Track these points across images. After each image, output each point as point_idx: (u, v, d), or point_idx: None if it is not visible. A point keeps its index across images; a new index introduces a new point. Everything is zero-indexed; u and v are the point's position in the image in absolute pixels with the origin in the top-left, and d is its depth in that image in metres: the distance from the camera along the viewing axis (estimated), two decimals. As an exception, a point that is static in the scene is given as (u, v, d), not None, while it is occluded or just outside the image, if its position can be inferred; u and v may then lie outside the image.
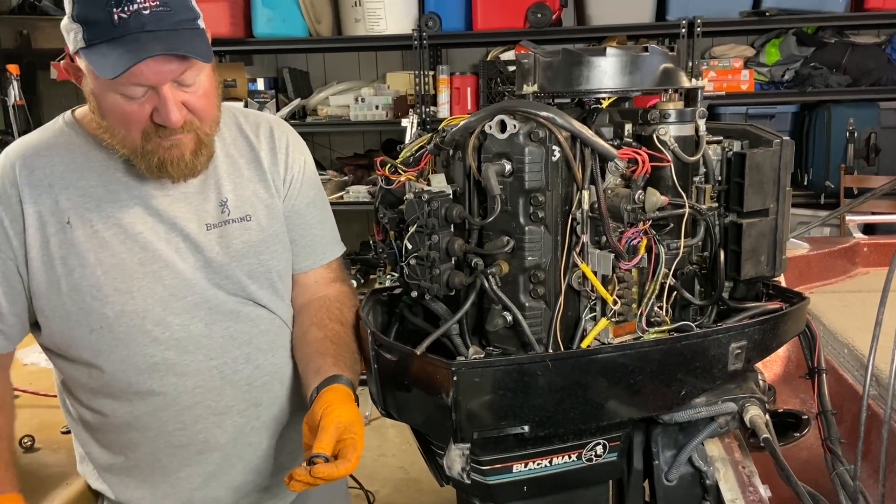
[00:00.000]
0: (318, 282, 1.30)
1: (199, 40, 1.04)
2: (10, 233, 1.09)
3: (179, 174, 1.11)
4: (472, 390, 1.04)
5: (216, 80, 1.13)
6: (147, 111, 1.04)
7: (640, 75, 1.13)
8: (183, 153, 1.08)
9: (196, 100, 1.07)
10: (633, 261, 1.09)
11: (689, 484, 1.23)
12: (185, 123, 1.06)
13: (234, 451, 1.19)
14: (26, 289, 1.11)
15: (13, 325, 1.12)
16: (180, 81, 1.04)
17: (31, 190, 1.10)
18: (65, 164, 1.12)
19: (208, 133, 1.12)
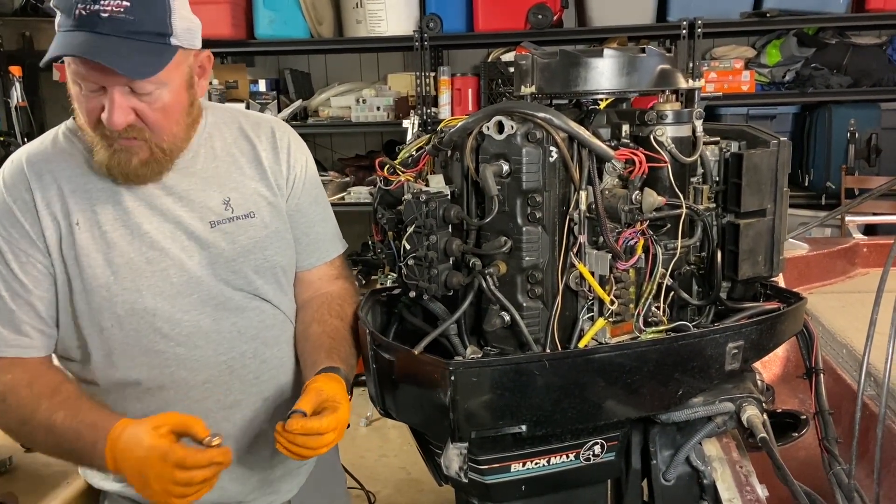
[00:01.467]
0: (321, 279, 1.32)
1: (148, 56, 1.03)
2: (33, 236, 1.12)
3: (122, 178, 1.12)
4: (469, 390, 1.04)
5: (188, 99, 1.13)
6: (96, 107, 1.06)
7: (637, 76, 1.14)
8: (129, 159, 1.10)
9: (150, 112, 1.08)
10: (631, 261, 1.10)
11: (686, 483, 1.23)
12: (130, 129, 1.07)
13: (242, 445, 1.20)
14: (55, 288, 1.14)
15: (51, 326, 1.15)
16: (134, 88, 1.05)
17: (42, 193, 1.13)
18: (70, 169, 1.14)
19: (163, 149, 1.12)
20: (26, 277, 1.12)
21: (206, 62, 1.17)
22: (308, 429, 1.01)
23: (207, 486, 0.97)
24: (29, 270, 1.12)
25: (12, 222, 1.12)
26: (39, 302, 1.13)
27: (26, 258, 1.12)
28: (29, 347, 1.13)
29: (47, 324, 1.14)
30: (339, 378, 1.13)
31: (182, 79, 1.10)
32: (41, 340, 1.14)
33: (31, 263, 1.12)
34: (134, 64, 1.01)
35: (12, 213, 1.12)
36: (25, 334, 1.12)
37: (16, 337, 1.12)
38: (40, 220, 1.12)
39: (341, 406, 1.07)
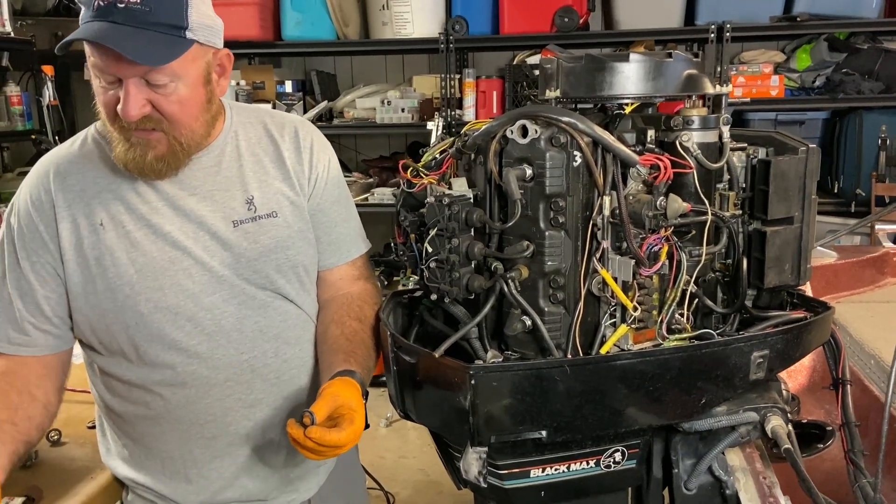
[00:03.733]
0: (342, 279, 1.32)
1: (161, 46, 1.04)
2: (45, 237, 1.13)
3: (138, 171, 1.13)
4: (489, 394, 1.04)
5: (207, 95, 1.14)
6: (113, 100, 1.08)
7: (663, 81, 1.13)
8: (145, 153, 1.11)
9: (166, 104, 1.08)
10: (654, 267, 1.09)
11: (708, 493, 1.22)
12: (145, 120, 1.08)
13: (262, 444, 1.21)
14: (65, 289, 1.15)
15: (59, 325, 1.17)
16: (149, 80, 1.06)
17: (64, 196, 1.14)
18: (96, 171, 1.16)
19: (181, 143, 1.13)
20: (35, 277, 1.14)
21: (227, 61, 1.18)
22: (327, 441, 1.01)
23: None
24: (38, 270, 1.14)
25: (28, 223, 1.14)
26: (45, 302, 1.15)
27: (37, 258, 1.14)
28: (28, 346, 1.15)
29: (53, 323, 1.16)
30: (354, 383, 1.13)
31: (199, 74, 1.11)
32: (42, 339, 1.16)
33: (42, 264, 1.14)
34: (145, 52, 1.02)
35: (30, 215, 1.15)
36: (25, 333, 1.15)
37: (17, 335, 1.15)
38: (57, 223, 1.14)
39: (357, 415, 1.07)
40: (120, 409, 1.20)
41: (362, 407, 1.09)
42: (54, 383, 1.17)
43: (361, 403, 1.09)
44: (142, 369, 1.16)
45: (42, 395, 1.14)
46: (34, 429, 1.10)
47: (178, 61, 1.06)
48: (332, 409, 1.06)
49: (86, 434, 1.43)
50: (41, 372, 1.16)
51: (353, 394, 1.10)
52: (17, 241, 1.14)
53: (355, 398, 1.09)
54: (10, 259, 1.14)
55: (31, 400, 1.11)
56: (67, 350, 1.20)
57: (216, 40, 1.13)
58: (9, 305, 1.14)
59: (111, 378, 1.19)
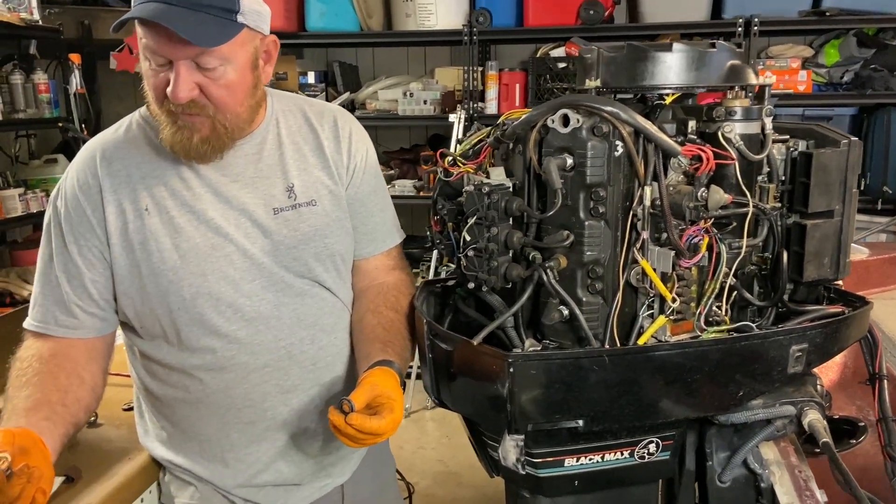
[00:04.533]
0: (377, 268, 1.33)
1: (213, 27, 1.05)
2: (93, 221, 1.15)
3: (184, 154, 1.14)
4: (527, 382, 1.04)
5: (253, 80, 1.15)
6: (162, 81, 1.08)
7: (706, 71, 1.12)
8: (191, 136, 1.12)
9: (215, 88, 1.09)
10: (694, 259, 1.08)
11: (742, 486, 1.22)
12: (193, 105, 1.09)
13: (298, 429, 1.22)
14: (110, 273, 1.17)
15: (105, 308, 1.18)
16: (199, 63, 1.07)
17: (111, 180, 1.15)
18: (141, 156, 1.17)
19: (226, 126, 1.13)
20: (82, 261, 1.15)
21: (273, 48, 1.19)
22: (367, 428, 1.02)
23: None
24: (85, 254, 1.15)
25: (76, 206, 1.15)
26: (92, 285, 1.16)
27: (84, 241, 1.15)
28: (76, 328, 1.16)
29: (99, 306, 1.18)
30: (393, 372, 1.13)
31: (247, 59, 1.12)
32: (89, 322, 1.17)
33: (88, 248, 1.15)
34: (199, 33, 1.03)
35: (77, 199, 1.16)
36: (73, 315, 1.16)
37: (66, 318, 1.16)
38: (104, 207, 1.15)
39: (396, 404, 1.07)
40: (159, 393, 1.22)
41: (401, 396, 1.09)
42: (100, 365, 1.19)
43: (400, 393, 1.10)
44: (182, 353, 1.18)
45: (89, 378, 1.15)
46: (82, 411, 1.12)
47: (228, 45, 1.06)
48: (370, 397, 1.06)
49: (121, 416, 1.45)
50: (88, 354, 1.17)
51: (392, 383, 1.10)
52: (65, 224, 1.15)
53: (394, 387, 1.10)
54: (57, 242, 1.16)
55: (79, 382, 1.13)
56: (112, 333, 1.21)
57: (264, 26, 1.13)
58: (56, 288, 1.15)
59: (151, 361, 1.21)
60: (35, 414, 1.04)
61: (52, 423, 1.04)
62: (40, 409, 1.05)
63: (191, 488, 1.23)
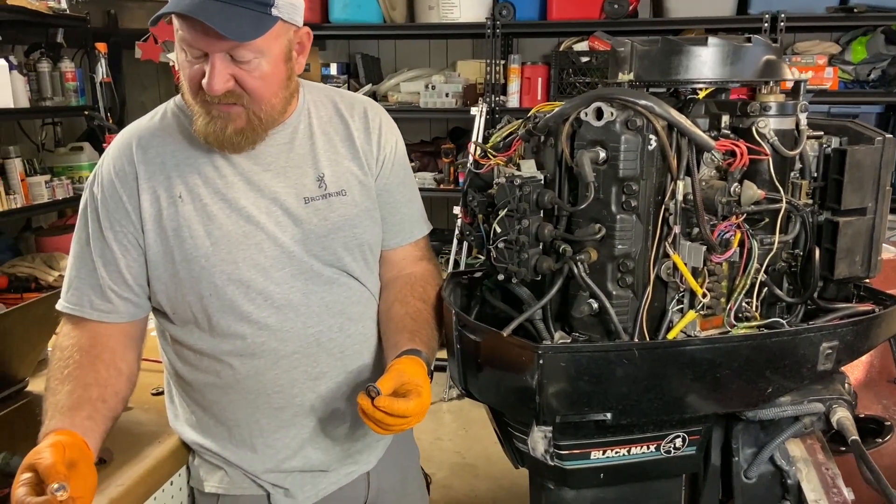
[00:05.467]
0: (405, 259, 1.34)
1: (249, 22, 1.06)
2: (128, 208, 1.16)
3: (218, 145, 1.15)
4: (557, 374, 1.05)
5: (287, 72, 1.16)
6: (198, 73, 1.10)
7: (741, 66, 1.11)
8: (225, 126, 1.13)
9: (250, 79, 1.10)
10: (726, 254, 1.08)
11: (768, 482, 1.22)
12: (228, 95, 1.10)
13: (326, 416, 1.24)
14: (144, 259, 1.18)
15: (139, 293, 1.20)
16: (234, 56, 1.08)
17: (146, 167, 1.17)
18: (175, 144, 1.19)
19: (261, 118, 1.15)
20: (118, 246, 1.17)
21: (306, 39, 1.20)
22: (394, 410, 1.03)
23: None
24: (120, 240, 1.17)
25: (112, 193, 1.17)
26: (127, 270, 1.18)
27: (120, 227, 1.17)
28: (111, 313, 1.18)
29: (134, 291, 1.19)
30: (420, 361, 1.14)
31: (281, 51, 1.13)
32: (124, 307, 1.19)
33: (124, 233, 1.17)
34: (234, 27, 1.04)
35: (114, 185, 1.17)
36: (109, 300, 1.18)
37: (101, 302, 1.17)
38: (139, 194, 1.17)
39: (424, 390, 1.09)
40: (190, 378, 1.23)
41: (428, 383, 1.10)
42: (135, 353, 1.21)
43: (427, 380, 1.11)
44: (213, 339, 1.19)
45: (126, 368, 1.17)
46: (120, 403, 1.14)
47: (263, 38, 1.07)
48: (397, 384, 1.08)
49: (150, 400, 1.47)
50: (124, 342, 1.19)
51: (420, 371, 1.11)
52: (101, 210, 1.17)
53: (421, 375, 1.11)
54: (93, 227, 1.17)
55: (117, 374, 1.15)
56: (145, 318, 1.23)
57: (298, 18, 1.14)
58: (92, 272, 1.17)
59: (183, 347, 1.23)
60: (78, 413, 1.06)
61: (93, 422, 1.06)
62: (83, 407, 1.07)
63: (220, 472, 1.25)
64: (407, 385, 1.08)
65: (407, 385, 1.08)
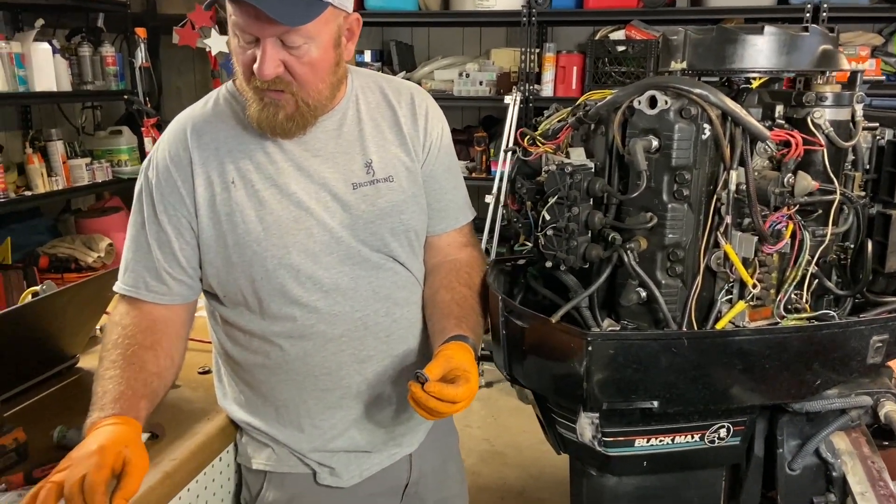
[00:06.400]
0: (450, 245, 1.35)
1: (300, 7, 1.07)
2: (182, 192, 1.19)
3: (269, 130, 1.17)
4: (605, 361, 1.06)
5: (335, 58, 1.17)
6: (250, 59, 1.11)
7: (797, 55, 1.11)
8: (276, 113, 1.14)
9: (298, 65, 1.11)
10: (778, 245, 1.08)
11: (812, 474, 1.21)
12: (277, 81, 1.11)
13: (372, 399, 1.26)
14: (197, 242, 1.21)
15: (192, 276, 1.22)
16: (285, 41, 1.09)
17: (200, 153, 1.19)
18: (228, 130, 1.21)
19: (308, 104, 1.16)
20: (172, 230, 1.19)
21: (355, 25, 1.21)
22: (444, 395, 1.04)
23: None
24: (175, 223, 1.19)
25: (167, 178, 1.19)
26: (181, 253, 1.20)
27: (174, 211, 1.19)
28: (165, 294, 1.20)
29: (188, 274, 1.22)
30: (468, 347, 1.15)
31: (330, 37, 1.14)
32: (178, 289, 1.21)
33: (178, 217, 1.19)
34: (286, 11, 1.05)
35: (169, 170, 1.19)
36: (164, 282, 1.20)
37: (156, 283, 1.20)
38: (194, 179, 1.19)
39: (472, 375, 1.10)
40: (240, 358, 1.26)
41: (476, 368, 1.11)
42: (185, 338, 1.24)
43: (475, 365, 1.12)
44: (263, 321, 1.21)
45: (177, 356, 1.21)
46: (167, 388, 1.17)
47: (314, 23, 1.08)
48: (445, 370, 1.09)
49: (198, 379, 1.50)
50: (177, 326, 1.22)
51: (467, 356, 1.12)
52: (156, 194, 1.19)
53: (469, 360, 1.12)
54: (148, 211, 1.20)
55: (170, 363, 1.18)
56: (195, 300, 1.25)
57: (348, 4, 1.15)
58: (147, 254, 1.20)
59: (233, 328, 1.25)
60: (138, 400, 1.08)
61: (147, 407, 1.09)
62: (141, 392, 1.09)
63: (267, 450, 1.28)
64: (455, 371, 1.09)
65: (455, 371, 1.09)
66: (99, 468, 0.94)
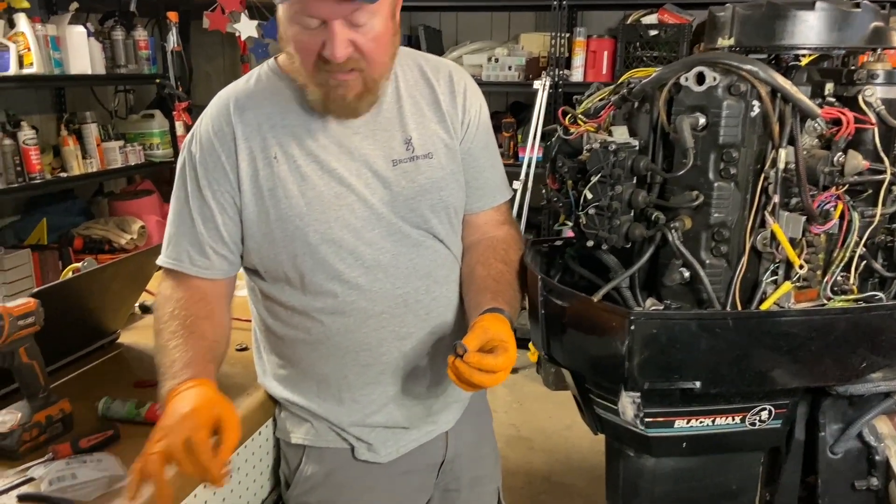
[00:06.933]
0: (487, 223, 1.35)
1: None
2: (226, 167, 1.19)
3: (339, 112, 1.17)
4: (647, 341, 1.05)
5: (393, 29, 1.16)
6: (317, 43, 1.10)
7: (849, 32, 1.08)
8: (346, 94, 1.14)
9: (365, 41, 1.11)
10: (826, 225, 1.06)
11: (854, 458, 1.20)
12: (349, 61, 1.11)
13: (410, 375, 1.26)
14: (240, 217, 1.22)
15: (234, 251, 1.24)
16: (352, 20, 1.08)
17: (243, 128, 1.20)
18: (271, 106, 1.21)
19: (375, 79, 1.16)
20: (216, 205, 1.20)
21: None
22: (483, 365, 1.04)
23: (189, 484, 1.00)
24: (219, 199, 1.20)
25: (211, 152, 1.20)
26: (224, 228, 1.21)
27: (218, 186, 1.20)
28: (208, 269, 1.22)
29: (230, 249, 1.23)
30: (504, 318, 1.15)
31: (388, 9, 1.14)
32: (220, 264, 1.23)
33: (222, 192, 1.20)
34: None
35: (213, 144, 1.20)
36: (207, 256, 1.21)
37: (199, 258, 1.21)
38: (237, 154, 1.19)
39: (510, 345, 1.10)
40: (281, 333, 1.27)
41: (513, 338, 1.11)
42: (229, 311, 1.26)
43: (512, 335, 1.11)
44: (305, 296, 1.22)
45: (227, 327, 1.23)
46: (224, 354, 1.20)
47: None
48: (483, 341, 1.09)
49: (235, 355, 1.52)
50: (221, 300, 1.24)
51: (504, 327, 1.12)
52: (199, 168, 1.20)
53: (505, 330, 1.12)
54: (192, 186, 1.21)
55: (223, 332, 1.21)
56: (234, 276, 1.27)
57: None
58: (191, 229, 1.21)
59: (274, 303, 1.26)
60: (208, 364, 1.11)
61: (215, 367, 1.12)
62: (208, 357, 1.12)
63: (307, 424, 1.29)
64: (492, 341, 1.09)
65: (492, 341, 1.09)
66: (198, 429, 0.96)
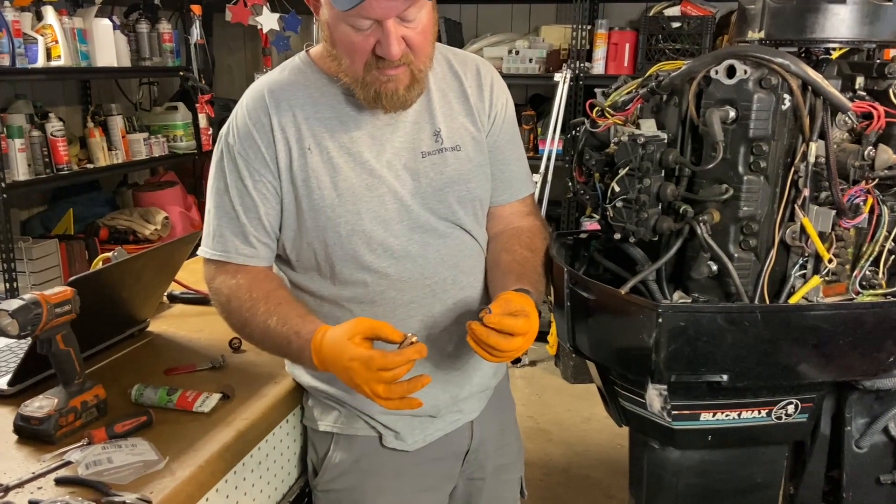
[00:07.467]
0: (512, 214, 1.36)
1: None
2: (266, 157, 1.21)
3: (392, 106, 1.18)
4: (675, 333, 1.06)
5: (434, 19, 1.18)
6: (370, 43, 1.12)
7: (881, 25, 1.08)
8: (397, 87, 1.16)
9: (414, 35, 1.13)
10: (857, 219, 1.06)
11: (880, 453, 1.20)
12: (402, 57, 1.13)
13: (438, 365, 1.28)
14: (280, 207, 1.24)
15: (275, 239, 1.26)
16: (403, 17, 1.10)
17: (279, 118, 1.22)
18: (304, 98, 1.23)
19: (421, 69, 1.18)
20: (257, 194, 1.22)
21: None
22: (502, 325, 1.05)
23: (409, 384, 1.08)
24: (260, 188, 1.22)
25: (251, 143, 1.22)
26: (266, 217, 1.23)
27: (259, 177, 1.22)
28: (254, 257, 1.24)
29: (271, 237, 1.25)
30: (527, 295, 1.16)
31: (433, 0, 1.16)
32: (264, 252, 1.25)
33: (263, 182, 1.22)
34: None
35: (251, 135, 1.22)
36: (252, 245, 1.24)
37: (245, 247, 1.24)
38: (275, 144, 1.21)
39: (532, 314, 1.10)
40: (311, 323, 1.29)
41: (536, 310, 1.12)
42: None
43: (536, 314, 1.12)
44: (335, 286, 1.24)
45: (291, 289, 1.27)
46: None
47: None
48: (506, 311, 1.09)
49: (263, 344, 1.54)
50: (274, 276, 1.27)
51: (529, 302, 1.13)
52: (239, 159, 1.22)
53: (528, 302, 1.13)
54: (231, 176, 1.23)
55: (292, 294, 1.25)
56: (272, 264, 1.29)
57: None
58: (234, 219, 1.23)
59: (303, 292, 1.28)
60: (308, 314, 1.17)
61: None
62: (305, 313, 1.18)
63: (335, 412, 1.31)
64: (515, 311, 1.10)
65: (515, 311, 1.10)
66: (371, 355, 1.05)
